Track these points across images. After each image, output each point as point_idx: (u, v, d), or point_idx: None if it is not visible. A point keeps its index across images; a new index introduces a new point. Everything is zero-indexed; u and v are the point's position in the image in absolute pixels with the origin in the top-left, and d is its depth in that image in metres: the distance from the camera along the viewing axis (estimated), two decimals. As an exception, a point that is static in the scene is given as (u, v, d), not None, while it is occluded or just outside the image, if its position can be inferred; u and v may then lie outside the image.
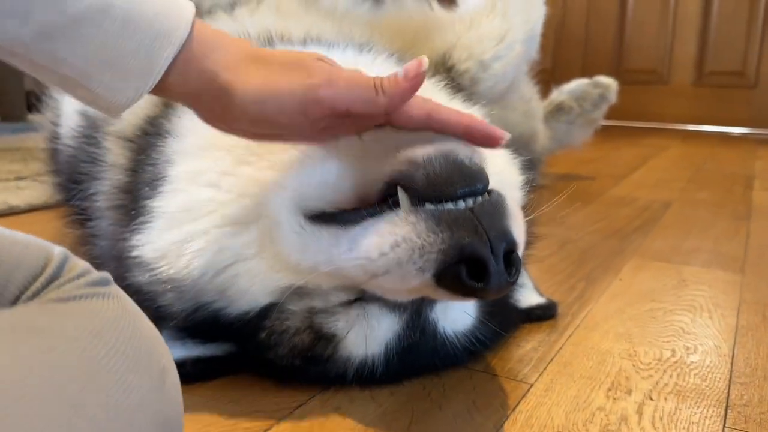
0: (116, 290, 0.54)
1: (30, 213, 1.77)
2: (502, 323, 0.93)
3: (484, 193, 0.74)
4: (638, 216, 1.96)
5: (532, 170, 1.02)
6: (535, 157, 2.18)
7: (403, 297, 0.79)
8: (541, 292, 1.17)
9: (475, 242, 0.68)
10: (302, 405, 0.84)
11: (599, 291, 1.29)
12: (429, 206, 0.72)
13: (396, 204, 0.74)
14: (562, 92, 2.48)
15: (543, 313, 1.12)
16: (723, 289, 1.33)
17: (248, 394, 0.86)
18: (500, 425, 0.81)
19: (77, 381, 0.43)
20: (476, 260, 0.68)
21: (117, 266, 0.92)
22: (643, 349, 1.03)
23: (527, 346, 1.03)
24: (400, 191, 0.73)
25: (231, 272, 0.82)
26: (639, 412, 0.85)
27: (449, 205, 0.71)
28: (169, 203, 0.87)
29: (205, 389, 0.87)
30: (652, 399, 0.88)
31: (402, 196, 0.73)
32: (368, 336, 0.81)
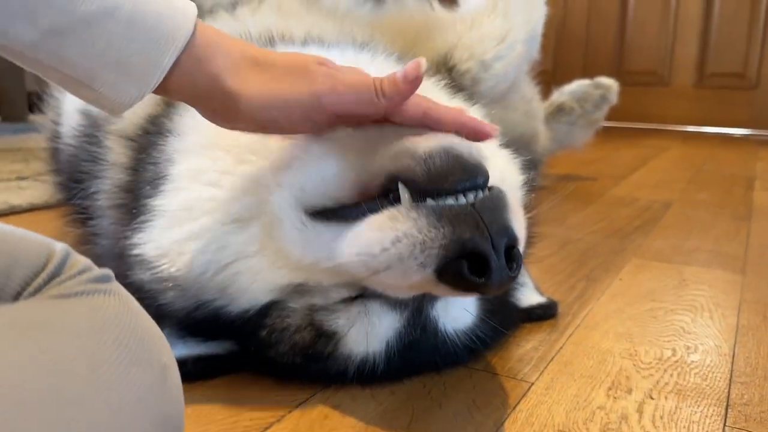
0: (117, 287, 0.54)
1: (31, 212, 1.78)
2: (503, 321, 0.93)
3: (485, 189, 0.74)
4: (639, 216, 1.96)
5: (533, 170, 1.02)
6: (536, 158, 2.18)
7: (404, 293, 0.79)
8: (542, 292, 1.17)
9: (477, 237, 0.68)
10: (303, 403, 0.84)
11: (600, 291, 1.29)
12: (430, 202, 0.72)
13: (397, 199, 0.74)
14: (563, 93, 2.48)
15: (543, 313, 1.12)
16: (723, 289, 1.33)
17: (249, 392, 0.86)
18: (500, 423, 0.81)
19: (78, 375, 0.43)
20: (477, 255, 0.68)
21: (118, 265, 0.92)
22: (644, 349, 1.03)
23: (527, 346, 1.03)
24: (401, 186, 0.74)
25: (232, 270, 0.82)
26: (639, 411, 0.85)
27: (450, 201, 0.72)
28: (171, 202, 0.87)
29: (206, 387, 0.87)
30: (653, 398, 0.88)
31: (403, 192, 0.73)
32: (369, 333, 0.81)
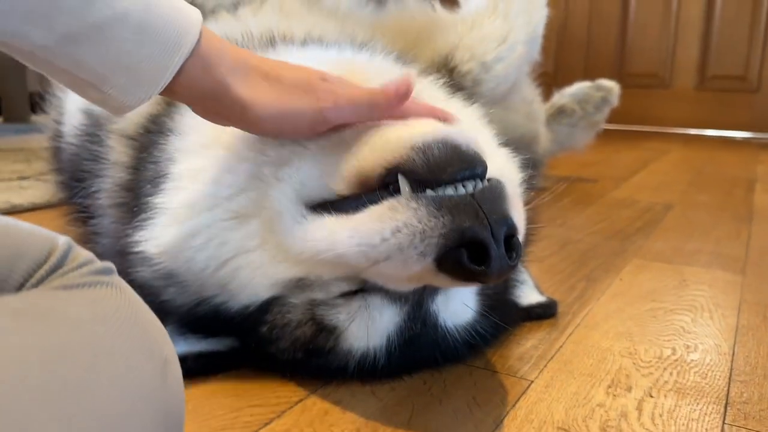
0: (119, 280, 0.54)
1: (33, 212, 1.78)
2: (503, 317, 0.93)
3: (484, 179, 0.75)
4: (639, 218, 1.96)
5: (533, 171, 1.02)
6: (537, 159, 2.18)
7: (404, 285, 0.80)
8: (542, 291, 1.17)
9: (476, 226, 0.69)
10: (303, 399, 0.84)
11: (600, 291, 1.29)
12: (429, 192, 0.73)
13: (396, 191, 0.75)
14: (564, 95, 2.48)
15: (543, 312, 1.12)
16: (724, 290, 1.33)
17: (249, 389, 0.86)
18: (500, 421, 0.81)
19: (81, 364, 0.43)
20: (477, 244, 0.69)
21: (119, 263, 0.92)
22: (644, 348, 1.03)
23: (527, 344, 1.03)
24: (401, 178, 0.74)
25: (232, 265, 0.83)
26: (639, 409, 0.85)
27: (449, 191, 0.72)
28: (171, 200, 0.87)
29: (207, 383, 0.88)
30: (652, 396, 0.88)
31: (402, 183, 0.74)
32: (370, 328, 0.81)
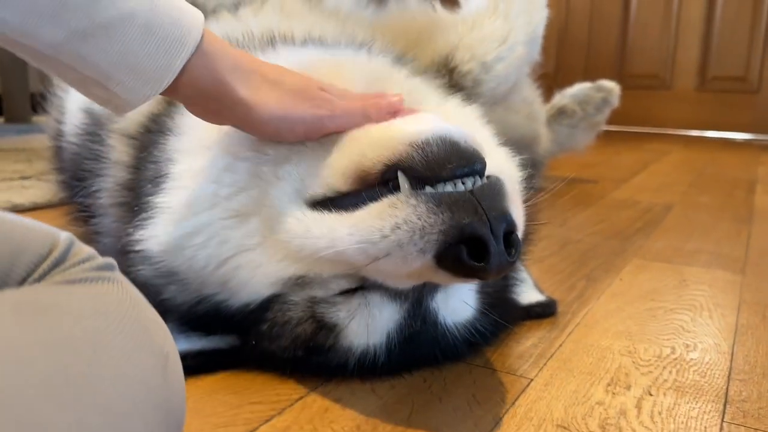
0: (120, 276, 0.55)
1: (34, 211, 1.78)
2: (502, 315, 0.93)
3: (483, 176, 0.75)
4: (640, 218, 1.96)
5: (533, 171, 1.02)
6: (537, 160, 2.19)
7: (404, 282, 0.80)
8: (541, 290, 1.17)
9: (475, 222, 0.69)
10: (303, 397, 0.84)
11: (600, 290, 1.30)
12: (429, 189, 0.73)
13: (396, 187, 0.75)
14: (565, 96, 2.49)
15: (543, 311, 1.13)
16: (723, 289, 1.33)
17: (249, 386, 0.87)
18: (499, 418, 0.81)
19: (83, 357, 0.44)
20: (476, 240, 0.69)
21: (120, 262, 0.92)
22: (643, 346, 1.04)
23: (527, 343, 1.04)
24: (401, 175, 0.74)
25: (233, 263, 0.83)
26: (638, 407, 0.85)
27: (449, 187, 0.73)
28: (172, 199, 0.88)
29: (207, 381, 0.88)
30: (651, 394, 0.89)
31: (402, 180, 0.74)
32: (370, 325, 0.81)
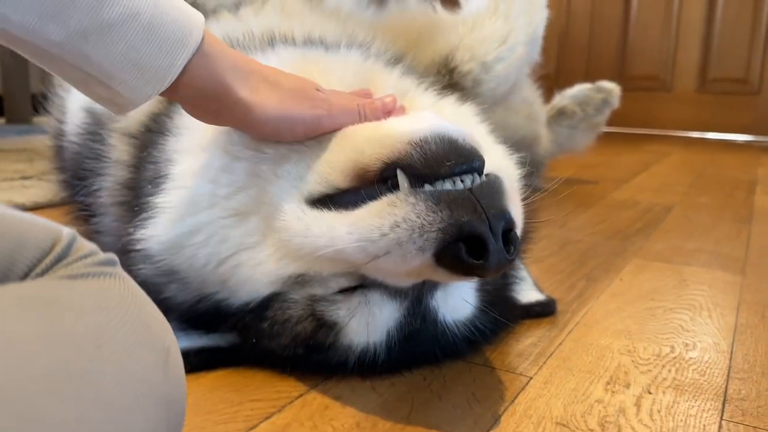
0: (122, 272, 0.55)
1: (35, 211, 1.77)
2: (502, 313, 0.93)
3: (482, 173, 0.76)
4: (640, 219, 1.97)
5: (534, 172, 1.03)
6: (538, 160, 2.19)
7: (404, 281, 0.80)
8: (541, 289, 1.18)
9: (474, 220, 0.69)
10: (303, 394, 0.85)
11: (599, 290, 1.30)
12: (428, 187, 0.73)
13: (395, 186, 0.75)
14: (565, 97, 2.49)
15: (542, 310, 1.13)
16: (723, 289, 1.34)
17: (250, 383, 0.87)
18: (499, 416, 0.81)
19: (85, 351, 0.44)
20: (475, 238, 0.69)
21: (121, 261, 0.93)
22: (642, 345, 1.04)
23: (527, 342, 1.04)
24: (400, 173, 0.75)
25: (233, 262, 0.83)
26: (637, 405, 0.85)
27: (448, 185, 0.73)
28: (171, 199, 0.88)
29: (207, 378, 0.88)
30: (651, 392, 0.89)
31: (401, 178, 0.75)
32: (370, 323, 0.81)
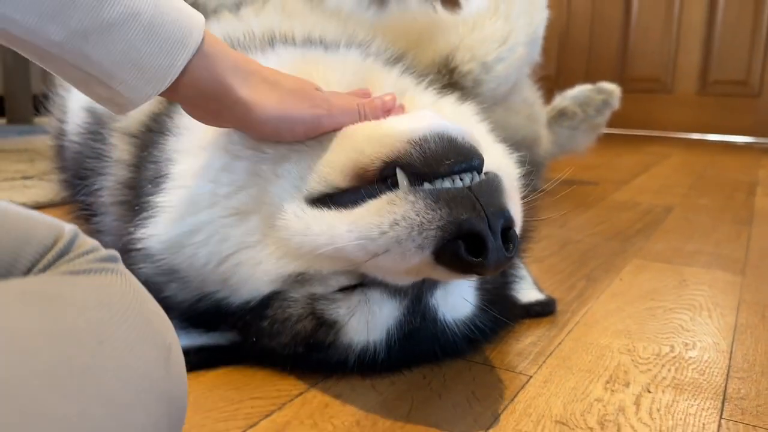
0: (123, 268, 0.55)
1: (36, 210, 1.79)
2: (502, 312, 0.93)
3: (481, 172, 0.76)
4: (640, 219, 1.97)
5: (532, 169, 1.03)
6: (538, 161, 2.19)
7: (403, 279, 0.80)
8: (541, 289, 1.18)
9: (473, 218, 0.69)
10: (303, 392, 0.85)
11: (599, 290, 1.30)
12: (427, 185, 0.73)
13: (394, 184, 0.75)
14: (566, 98, 2.49)
15: (542, 309, 1.13)
16: (723, 290, 1.34)
17: (250, 382, 0.87)
18: (498, 414, 0.82)
19: (87, 346, 0.44)
20: (474, 236, 0.69)
21: (122, 260, 0.94)
22: (642, 345, 1.04)
23: (526, 341, 1.04)
24: (399, 171, 0.75)
25: (233, 261, 0.84)
26: (636, 404, 0.85)
27: (447, 183, 0.73)
28: (172, 198, 0.88)
29: (208, 376, 0.88)
30: (650, 391, 0.89)
31: (400, 176, 0.75)
32: (369, 322, 0.82)
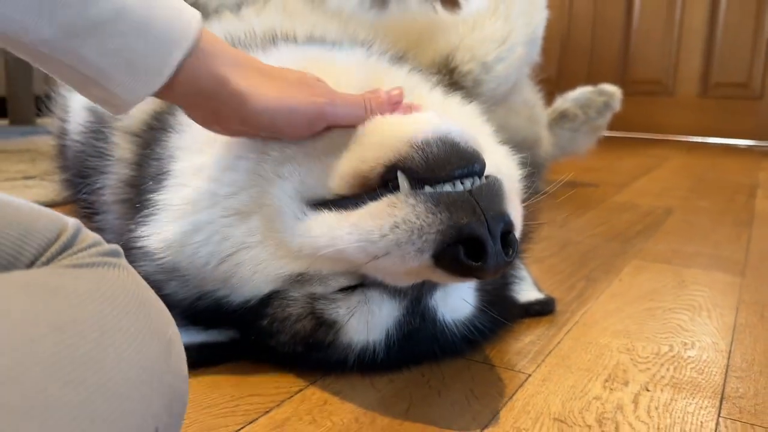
0: (125, 263, 0.56)
1: (38, 209, 1.79)
2: (501, 313, 0.94)
3: (482, 176, 0.76)
4: (640, 221, 1.97)
5: (533, 170, 1.03)
6: (539, 163, 2.19)
7: (403, 281, 0.81)
8: (540, 288, 1.18)
9: (473, 222, 0.70)
10: (303, 389, 0.85)
11: (599, 290, 1.30)
12: (428, 189, 0.74)
13: (396, 188, 0.75)
14: (567, 100, 2.50)
15: (541, 309, 1.13)
16: (722, 290, 1.34)
17: (249, 379, 0.87)
18: (497, 412, 0.82)
19: (89, 338, 0.45)
20: (474, 240, 0.70)
21: (124, 258, 0.94)
22: (641, 344, 1.04)
23: (526, 340, 1.04)
24: (400, 175, 0.75)
25: (234, 260, 0.84)
26: (635, 402, 0.86)
27: (448, 187, 0.73)
28: (173, 196, 0.89)
29: (207, 374, 0.88)
30: (649, 390, 0.89)
31: (402, 180, 0.75)
32: (369, 322, 0.82)
